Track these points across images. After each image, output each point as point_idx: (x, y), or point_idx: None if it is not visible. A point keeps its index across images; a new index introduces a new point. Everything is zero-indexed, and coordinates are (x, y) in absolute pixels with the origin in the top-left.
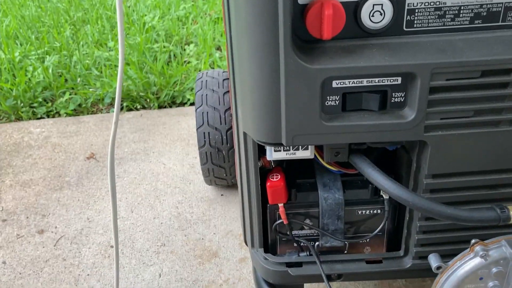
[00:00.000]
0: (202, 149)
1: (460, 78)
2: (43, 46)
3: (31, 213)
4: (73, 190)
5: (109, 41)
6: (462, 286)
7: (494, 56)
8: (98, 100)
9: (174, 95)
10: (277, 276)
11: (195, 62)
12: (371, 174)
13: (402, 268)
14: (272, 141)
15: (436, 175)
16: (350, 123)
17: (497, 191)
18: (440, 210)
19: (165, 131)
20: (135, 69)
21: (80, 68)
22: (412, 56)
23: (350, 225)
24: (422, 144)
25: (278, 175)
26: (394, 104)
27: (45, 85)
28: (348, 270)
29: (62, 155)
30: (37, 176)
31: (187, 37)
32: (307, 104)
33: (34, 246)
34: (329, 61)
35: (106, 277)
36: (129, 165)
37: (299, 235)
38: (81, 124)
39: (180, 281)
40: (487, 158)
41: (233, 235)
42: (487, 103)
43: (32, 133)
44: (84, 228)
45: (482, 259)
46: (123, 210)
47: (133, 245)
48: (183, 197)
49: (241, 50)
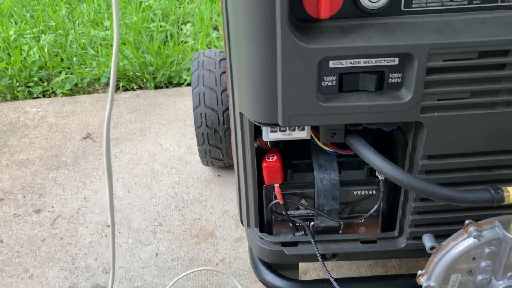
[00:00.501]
0: (198, 130)
1: (457, 59)
2: (38, 25)
3: (27, 193)
4: (70, 170)
5: (105, 20)
6: (455, 266)
7: (492, 37)
8: (94, 80)
9: (171, 75)
10: (273, 255)
11: (192, 42)
12: (367, 155)
13: (396, 248)
14: (268, 121)
15: (431, 156)
16: (346, 104)
17: (492, 173)
18: (434, 191)
19: (162, 112)
20: (131, 48)
21: (76, 47)
22: (409, 37)
23: (345, 205)
24: (418, 125)
25: (274, 156)
26: (391, 85)
27: (40, 64)
28: (343, 249)
29: (58, 135)
30: (34, 156)
31: (184, 17)
32: (303, 84)
33: (31, 225)
34: (326, 41)
35: (103, 256)
36: (126, 146)
37: (294, 215)
38: (77, 104)
39: (177, 260)
40: (482, 140)
41: (229, 215)
42: (484, 85)
43: (28, 112)
44: (81, 208)
45: (475, 240)
46: (120, 190)
47: (130, 225)
48: (180, 177)
49: (238, 30)
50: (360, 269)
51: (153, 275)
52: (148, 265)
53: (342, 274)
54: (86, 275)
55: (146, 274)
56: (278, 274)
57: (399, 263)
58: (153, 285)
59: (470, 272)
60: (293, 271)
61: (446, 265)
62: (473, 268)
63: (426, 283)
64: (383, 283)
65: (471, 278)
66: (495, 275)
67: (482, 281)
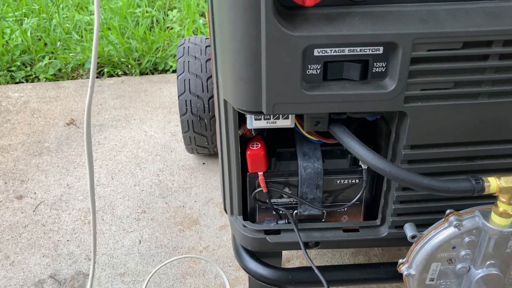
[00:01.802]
0: (183, 117)
1: (441, 49)
2: (21, 8)
3: (9, 179)
4: (53, 156)
5: (90, 4)
6: (436, 255)
7: (476, 28)
8: (78, 65)
9: (156, 61)
10: (256, 243)
11: (178, 28)
12: (350, 144)
13: (378, 236)
14: (252, 109)
15: (414, 146)
16: (330, 93)
17: (473, 163)
18: (416, 181)
19: (147, 98)
20: (116, 34)
21: (60, 32)
22: (394, 26)
23: (329, 194)
24: (402, 115)
25: (259, 144)
26: (375, 74)
27: (23, 48)
28: (325, 238)
29: (41, 121)
30: (16, 142)
31: (171, 2)
32: (288, 72)
33: (13, 211)
34: (311, 29)
35: (86, 243)
36: (110, 132)
37: (278, 203)
38: (61, 89)
39: (160, 248)
40: (465, 130)
41: (214, 203)
42: (467, 75)
43: (11, 97)
44: (64, 194)
45: (456, 229)
46: (103, 176)
47: (113, 212)
48: (164, 165)
49: (222, 15)
50: (343, 257)
51: (136, 262)
52: (132, 252)
53: (325, 262)
54: (69, 262)
55: (129, 261)
56: (261, 262)
57: (381, 251)
58: (136, 272)
59: (450, 261)
60: (276, 259)
61: (426, 253)
62: (453, 257)
63: (407, 271)
64: (365, 271)
65: (450, 266)
66: (474, 263)
67: (461, 270)
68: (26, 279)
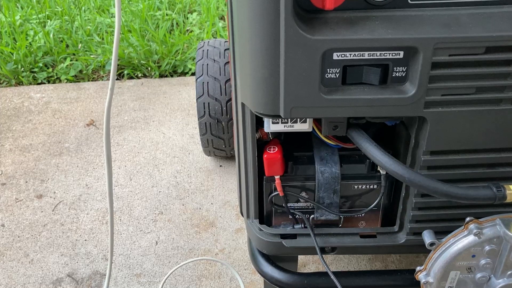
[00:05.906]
0: (201, 120)
1: (463, 54)
2: (44, 10)
3: (30, 178)
4: (72, 156)
5: (111, 7)
6: (455, 263)
7: (500, 32)
8: (99, 67)
9: (176, 64)
10: (271, 247)
11: (198, 31)
12: (369, 149)
13: (396, 243)
14: (270, 113)
15: (434, 152)
16: (349, 97)
17: (494, 170)
18: (436, 187)
19: (166, 101)
20: (137, 36)
21: (82, 34)
22: (415, 30)
23: (346, 199)
24: (422, 120)
25: (276, 147)
26: (395, 79)
27: (46, 50)
28: (342, 243)
29: (62, 121)
30: (37, 141)
31: (190, 5)
32: (306, 76)
33: (33, 210)
34: (330, 33)
35: (103, 243)
36: (129, 133)
37: (294, 207)
38: (81, 90)
39: (177, 249)
40: (486, 137)
41: (230, 206)
42: (490, 81)
43: (33, 98)
44: (83, 194)
45: (475, 237)
46: (121, 177)
47: (131, 213)
48: (182, 166)
49: (242, 19)
50: (359, 263)
51: (153, 263)
52: (148, 253)
53: (342, 267)
54: (86, 262)
55: (146, 262)
56: (276, 266)
57: (398, 258)
58: (152, 273)
59: (470, 270)
60: (292, 263)
61: (445, 261)
62: (472, 266)
63: (425, 279)
64: (382, 277)
65: (470, 275)
66: (495, 273)
67: (481, 279)
68: (45, 277)
